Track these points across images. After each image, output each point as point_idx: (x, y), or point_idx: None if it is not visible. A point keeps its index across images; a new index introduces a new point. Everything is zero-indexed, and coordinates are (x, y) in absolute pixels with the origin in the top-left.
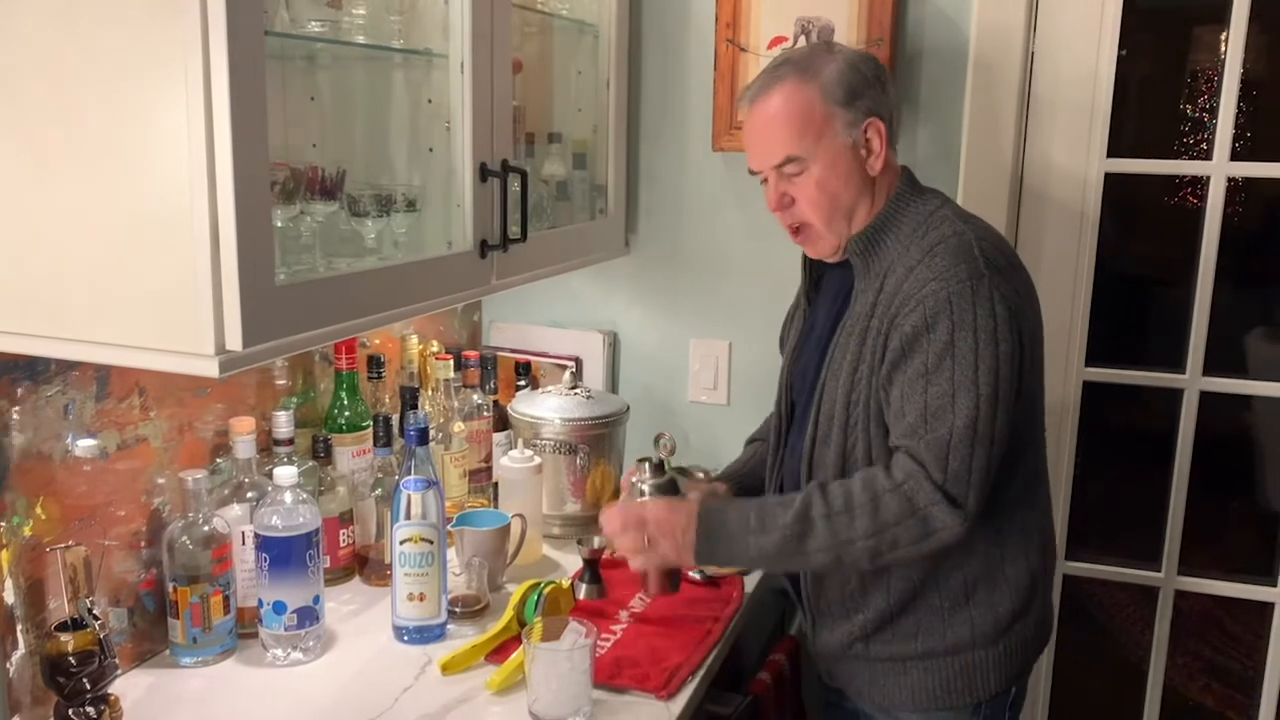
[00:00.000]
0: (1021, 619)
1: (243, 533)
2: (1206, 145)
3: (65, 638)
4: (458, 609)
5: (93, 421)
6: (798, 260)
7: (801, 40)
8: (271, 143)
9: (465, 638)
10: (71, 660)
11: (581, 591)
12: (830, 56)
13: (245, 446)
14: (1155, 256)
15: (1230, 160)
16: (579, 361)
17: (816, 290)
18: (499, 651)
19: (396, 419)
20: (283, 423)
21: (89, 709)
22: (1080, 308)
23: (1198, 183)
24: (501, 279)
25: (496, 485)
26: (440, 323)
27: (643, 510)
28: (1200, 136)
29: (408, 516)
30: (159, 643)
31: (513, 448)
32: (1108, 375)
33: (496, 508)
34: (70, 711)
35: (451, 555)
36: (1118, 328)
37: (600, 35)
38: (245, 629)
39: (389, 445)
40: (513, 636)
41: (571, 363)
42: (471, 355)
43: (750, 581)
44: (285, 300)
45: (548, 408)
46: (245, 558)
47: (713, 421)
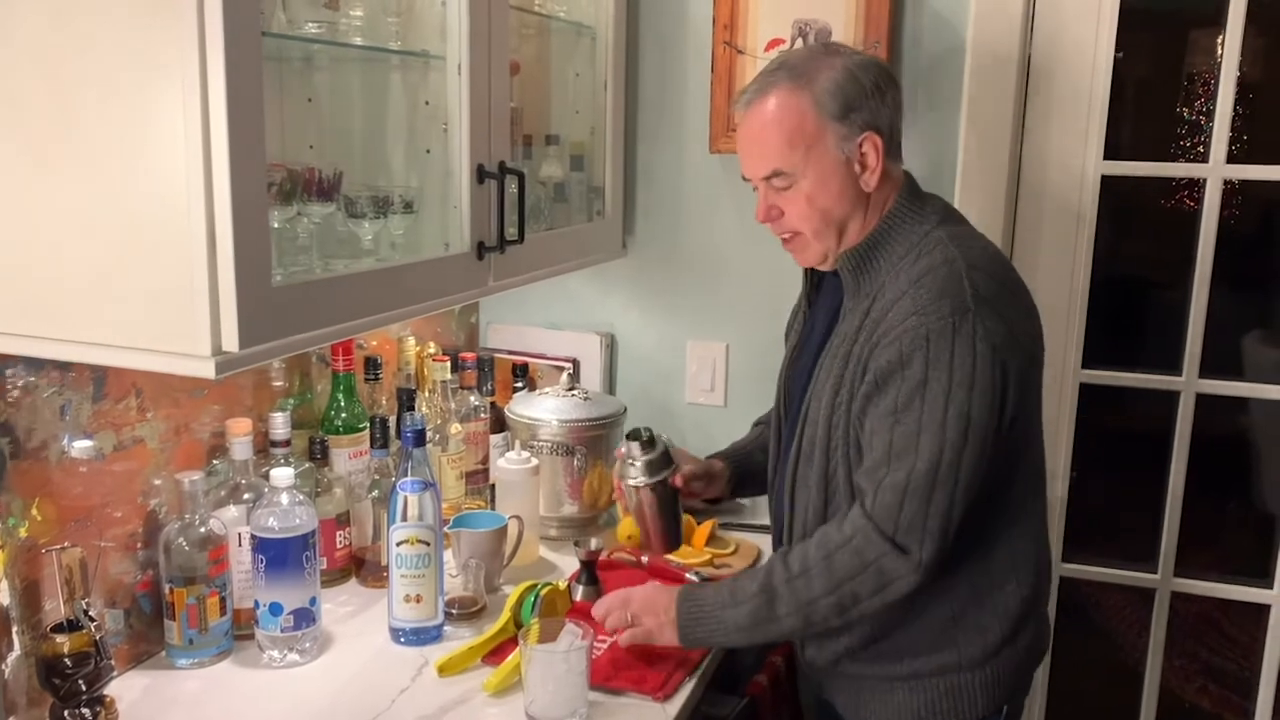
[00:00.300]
0: (1010, 644)
1: (239, 534)
2: (1203, 148)
3: (61, 639)
4: (454, 610)
5: (89, 422)
6: (795, 262)
7: (799, 43)
8: (268, 144)
9: (462, 639)
10: (67, 662)
11: (578, 593)
12: (828, 63)
13: (242, 448)
14: (1151, 259)
15: (1226, 163)
16: (576, 363)
17: (817, 292)
18: (496, 653)
19: (393, 420)
20: (279, 424)
21: (84, 710)
22: (1077, 310)
23: (1194, 185)
24: (499, 280)
25: (493, 487)
26: (437, 324)
27: (629, 591)
28: (1197, 139)
29: (404, 518)
30: (155, 644)
31: (510, 449)
32: (1104, 377)
33: (493, 509)
34: (66, 713)
35: (448, 557)
36: (1114, 330)
37: (598, 37)
38: (242, 630)
39: (386, 447)
40: (509, 638)
41: (569, 364)
42: (469, 357)
43: None
44: (282, 301)
45: (545, 409)
46: (242, 559)
47: (710, 423)
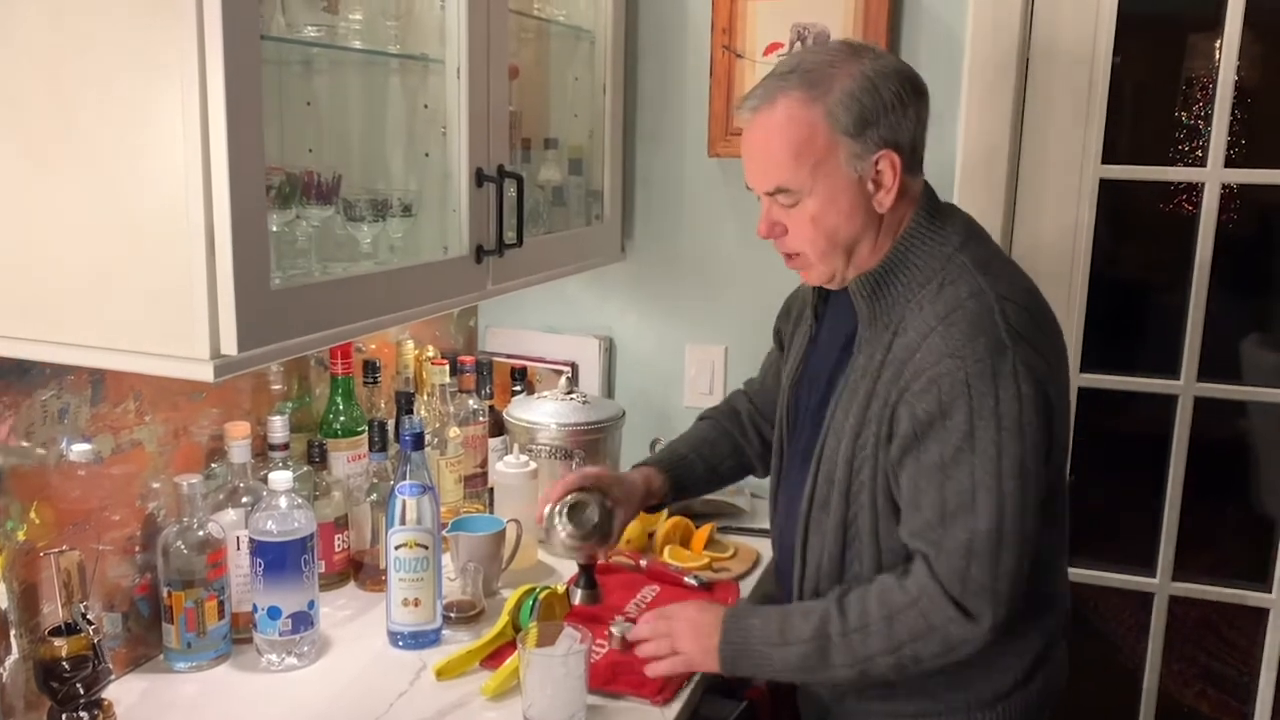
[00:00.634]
0: (1023, 687)
1: (238, 537)
2: (1201, 152)
3: (59, 643)
4: (453, 614)
5: (88, 426)
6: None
7: (797, 47)
8: (267, 147)
9: (460, 643)
10: (65, 665)
11: (577, 597)
12: (846, 70)
13: (240, 451)
14: (1150, 263)
15: (1225, 167)
16: (575, 367)
17: (824, 303)
18: (494, 657)
19: (392, 424)
20: (278, 427)
21: (82, 714)
22: (1075, 314)
23: (1192, 189)
24: (497, 284)
25: (492, 490)
26: (436, 328)
27: (671, 610)
28: (1195, 143)
29: (403, 522)
30: (153, 648)
31: (508, 453)
32: (1102, 381)
33: (492, 513)
34: (64, 716)
35: (446, 560)
36: (1112, 334)
37: (596, 41)
38: (240, 634)
39: (384, 450)
40: (508, 642)
41: (567, 368)
42: (467, 360)
43: (745, 587)
44: (281, 305)
45: (543, 413)
46: (240, 562)
47: None
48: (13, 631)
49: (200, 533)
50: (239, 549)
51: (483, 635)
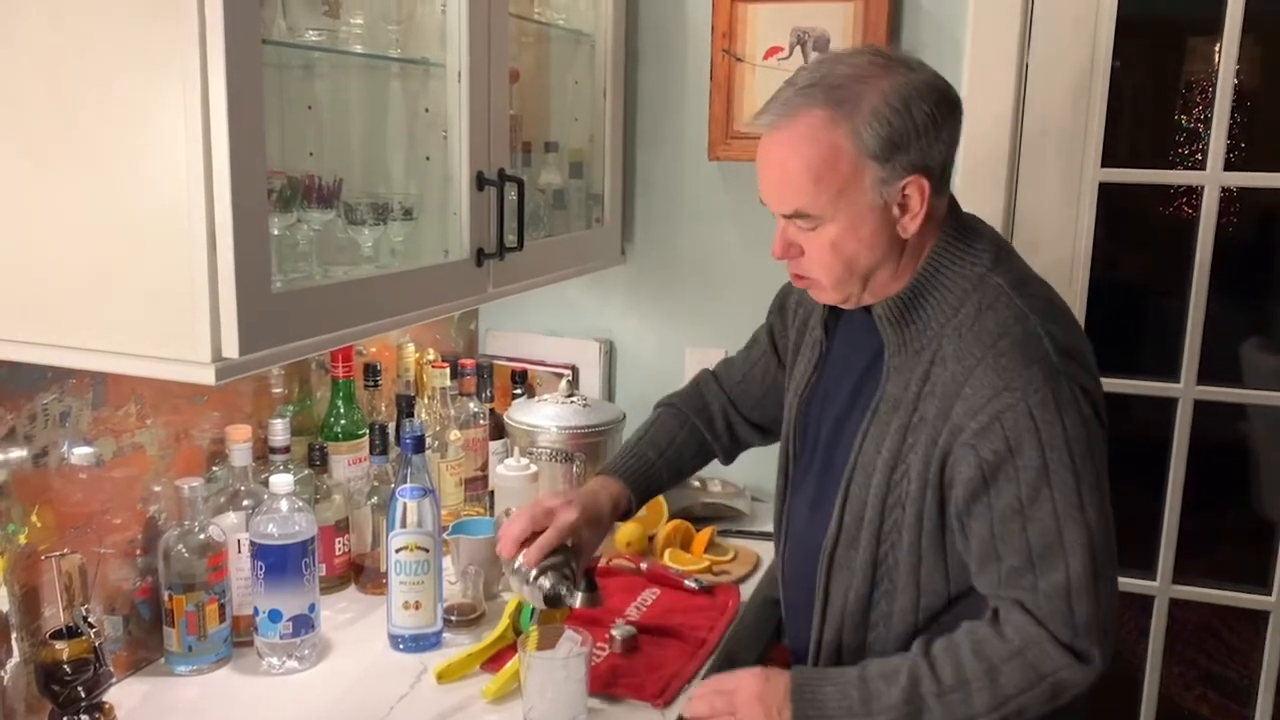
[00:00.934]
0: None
1: (238, 541)
2: (1201, 155)
3: (60, 646)
4: (453, 617)
5: (89, 429)
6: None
7: (797, 51)
8: (268, 151)
9: (461, 646)
10: (66, 668)
11: (578, 599)
12: (876, 85)
13: (241, 454)
14: (1149, 266)
15: (1224, 170)
16: (575, 370)
17: (834, 315)
18: (495, 660)
19: (393, 427)
20: (279, 431)
21: (84, 717)
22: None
23: (1192, 193)
24: (498, 287)
25: (492, 493)
26: (436, 331)
27: (731, 683)
28: (1195, 147)
29: (403, 525)
30: (154, 651)
31: (509, 456)
32: (1102, 384)
33: (493, 516)
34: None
35: (447, 563)
36: (1112, 337)
37: (597, 45)
38: (240, 637)
39: (385, 453)
40: (508, 645)
41: (568, 371)
42: (468, 363)
43: (746, 590)
44: (282, 308)
45: (544, 416)
46: (241, 566)
47: None
48: (14, 635)
49: (201, 536)
50: (240, 552)
51: (483, 638)
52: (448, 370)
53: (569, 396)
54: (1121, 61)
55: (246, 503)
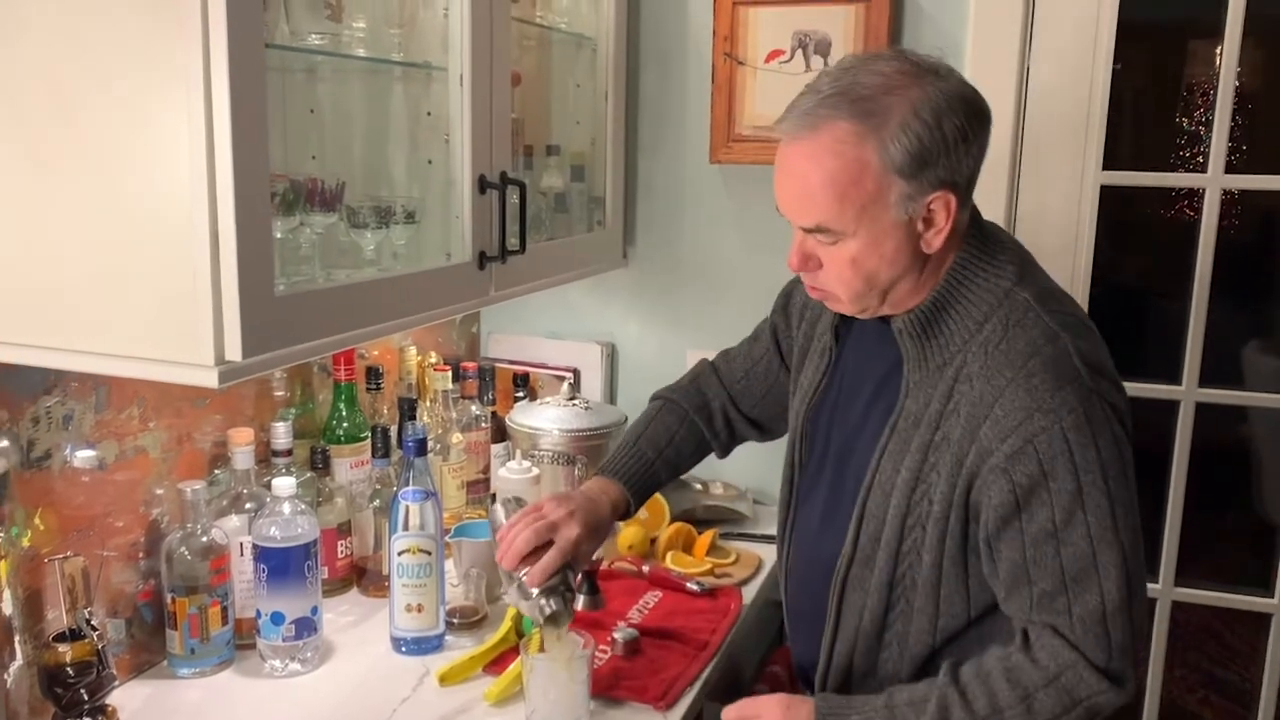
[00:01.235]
0: None
1: (241, 543)
2: (1202, 158)
3: (63, 648)
4: (456, 620)
5: (92, 432)
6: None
7: (799, 54)
8: (271, 154)
9: (463, 649)
10: (69, 671)
11: (580, 603)
12: (905, 96)
13: (244, 457)
14: (1151, 269)
15: (1225, 173)
16: (577, 373)
17: (845, 321)
18: (497, 663)
19: (395, 430)
20: (281, 434)
21: None
22: None
23: (1193, 195)
24: (500, 290)
25: (494, 496)
26: (439, 334)
27: (753, 709)
28: (1196, 149)
29: (406, 527)
30: (157, 654)
31: (511, 459)
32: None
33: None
34: None
35: (449, 566)
36: (1113, 340)
37: (598, 48)
38: (243, 640)
39: (387, 456)
40: (511, 648)
41: (569, 374)
42: (470, 366)
43: (748, 592)
44: (285, 311)
45: (546, 419)
46: (243, 568)
47: None
48: (17, 637)
49: (204, 539)
50: (242, 555)
51: (486, 641)
52: (450, 373)
53: (571, 399)
54: (1122, 64)
55: (249, 505)
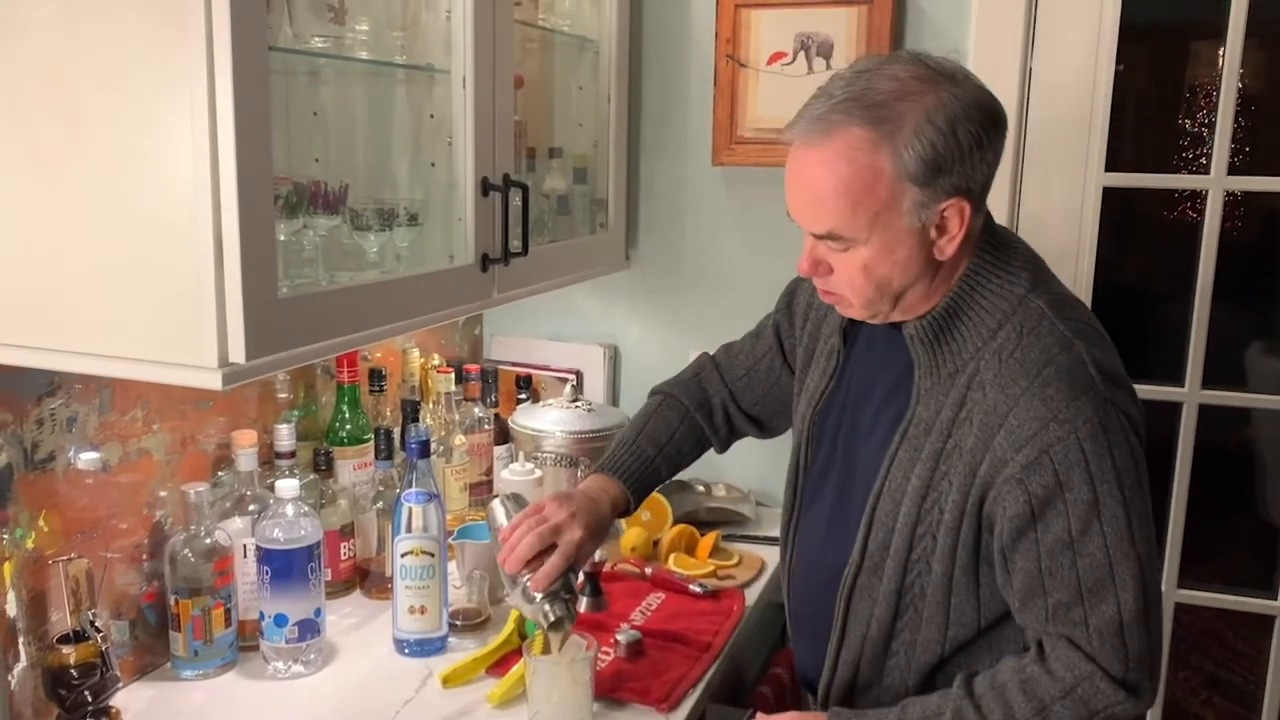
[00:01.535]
0: None
1: (244, 545)
2: (1205, 159)
3: (67, 650)
4: (458, 622)
5: (96, 434)
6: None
7: (801, 57)
8: (275, 157)
9: (466, 650)
10: (73, 673)
11: (582, 604)
12: (920, 102)
13: (247, 459)
14: (1154, 270)
15: (1228, 174)
16: (580, 375)
17: (853, 324)
18: (500, 664)
19: (398, 432)
20: (284, 436)
21: None
22: None
23: (1196, 197)
24: (503, 292)
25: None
26: (441, 336)
27: None
28: (1198, 151)
29: (409, 529)
30: (160, 655)
31: (514, 460)
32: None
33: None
34: None
35: (452, 568)
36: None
37: (601, 51)
38: (246, 642)
39: (390, 458)
40: (513, 649)
41: (572, 376)
42: (473, 368)
43: (751, 594)
44: (288, 313)
45: (549, 420)
46: (247, 570)
47: None
48: (21, 639)
49: (207, 541)
50: (246, 557)
51: (488, 643)
52: (453, 375)
53: (573, 401)
54: (1125, 66)
55: (252, 507)
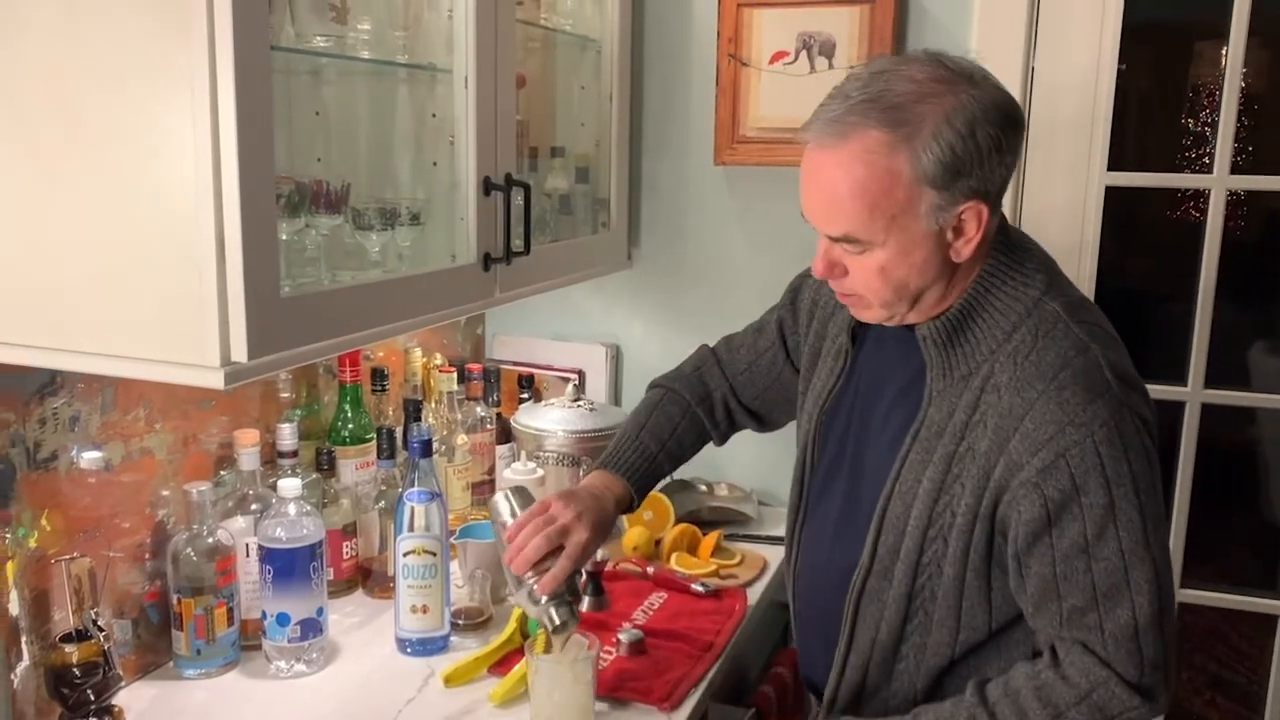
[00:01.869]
0: None
1: (246, 545)
2: (1208, 159)
3: (70, 649)
4: (461, 621)
5: (98, 434)
6: (799, 273)
7: (803, 56)
8: (276, 156)
9: (468, 650)
10: (76, 672)
11: (585, 604)
12: (939, 105)
13: (249, 459)
14: (1156, 270)
15: (1231, 174)
16: (582, 374)
17: (861, 324)
18: (502, 664)
19: (400, 431)
20: (287, 435)
21: None
22: None
23: (1199, 196)
24: (505, 292)
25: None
26: (443, 335)
27: None
28: (1201, 150)
29: (411, 528)
30: (163, 655)
31: (516, 460)
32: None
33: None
34: None
35: (454, 567)
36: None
37: (603, 50)
38: (249, 641)
39: (392, 458)
40: (516, 649)
41: (574, 375)
42: (475, 368)
43: (753, 594)
44: (290, 313)
45: (551, 420)
46: (249, 570)
47: None
48: (24, 638)
49: (209, 540)
50: (248, 556)
51: (491, 642)
52: (455, 375)
53: (575, 401)
54: (1127, 65)
55: (254, 507)
